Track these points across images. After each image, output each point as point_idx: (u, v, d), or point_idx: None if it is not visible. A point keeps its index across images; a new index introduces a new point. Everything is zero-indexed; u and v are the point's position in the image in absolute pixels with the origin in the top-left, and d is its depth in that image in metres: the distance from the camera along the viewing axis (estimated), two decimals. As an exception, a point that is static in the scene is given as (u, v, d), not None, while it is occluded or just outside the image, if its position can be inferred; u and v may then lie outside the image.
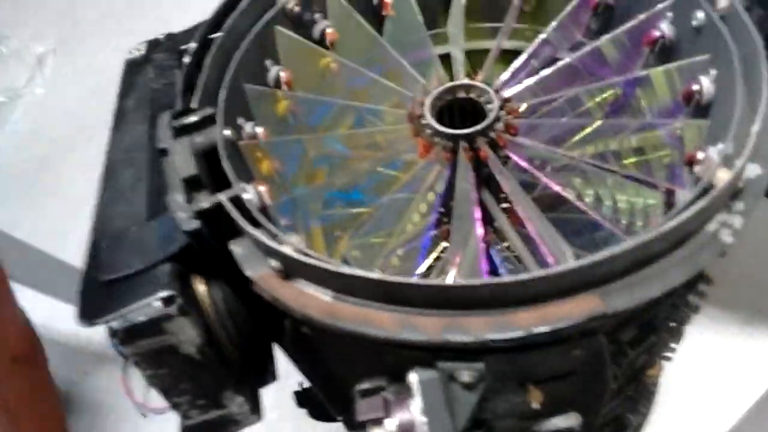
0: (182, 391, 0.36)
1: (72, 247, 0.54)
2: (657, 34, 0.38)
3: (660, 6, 0.37)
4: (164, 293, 0.33)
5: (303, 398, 0.47)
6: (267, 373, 0.43)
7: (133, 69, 0.57)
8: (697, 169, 0.31)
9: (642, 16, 0.37)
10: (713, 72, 0.34)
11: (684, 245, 0.26)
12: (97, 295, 0.35)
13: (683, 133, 0.37)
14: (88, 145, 1.31)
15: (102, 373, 0.83)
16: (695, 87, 0.35)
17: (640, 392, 0.46)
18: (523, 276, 0.24)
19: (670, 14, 0.37)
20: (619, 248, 0.24)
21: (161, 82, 0.53)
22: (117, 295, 0.33)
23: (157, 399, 0.38)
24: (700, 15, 0.35)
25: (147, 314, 0.33)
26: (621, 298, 0.25)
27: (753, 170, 0.28)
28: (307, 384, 0.44)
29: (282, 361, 0.41)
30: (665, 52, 0.38)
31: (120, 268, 0.35)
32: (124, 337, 0.33)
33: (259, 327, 0.39)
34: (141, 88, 0.54)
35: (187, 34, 0.54)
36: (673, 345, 0.42)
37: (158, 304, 0.33)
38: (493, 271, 0.44)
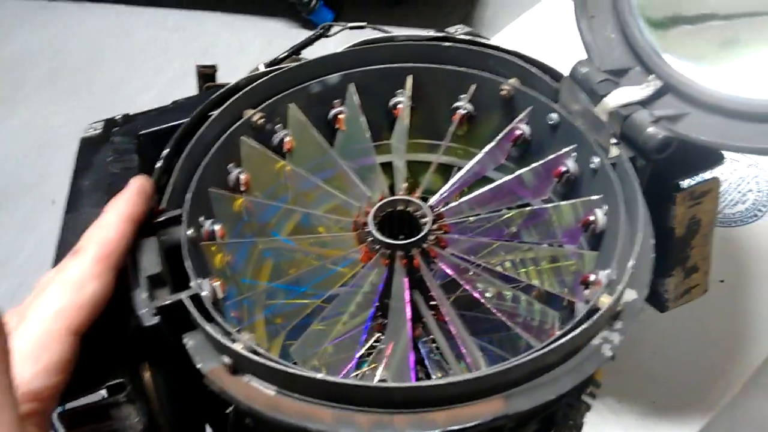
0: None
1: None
2: (563, 169, 0.46)
3: (565, 149, 0.45)
4: (114, 381, 0.35)
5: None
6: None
7: (89, 148, 0.58)
8: (586, 291, 0.37)
9: (551, 156, 0.45)
10: (605, 207, 0.42)
11: (573, 357, 0.32)
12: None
13: (584, 254, 0.44)
14: (20, 203, 1.28)
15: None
16: (592, 218, 0.42)
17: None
18: (441, 381, 0.29)
19: (574, 155, 0.45)
20: (519, 360, 0.30)
21: (119, 166, 0.55)
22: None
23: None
24: (596, 160, 0.43)
25: (96, 400, 0.35)
26: (521, 401, 0.30)
27: (630, 295, 0.35)
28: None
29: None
30: (569, 183, 0.46)
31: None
32: (71, 421, 0.35)
33: (195, 413, 0.42)
34: (97, 169, 0.56)
35: (145, 119, 0.57)
36: (575, 437, 0.47)
37: (107, 390, 0.35)
38: (420, 361, 0.49)
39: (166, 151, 0.41)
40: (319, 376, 0.30)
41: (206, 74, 0.63)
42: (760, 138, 0.37)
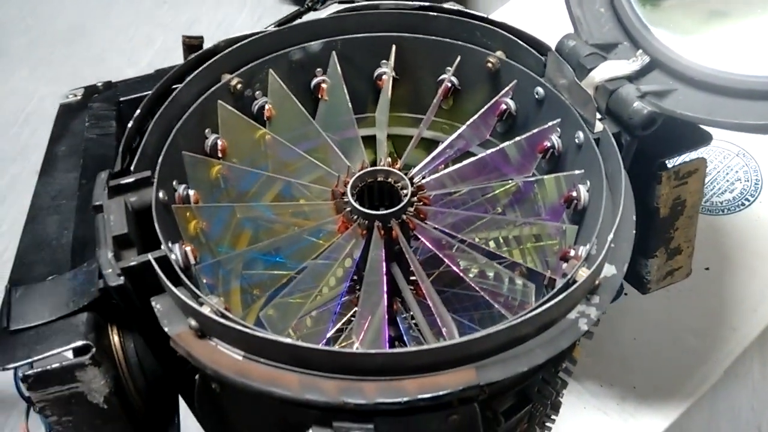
0: (84, 439, 0.37)
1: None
2: (548, 144, 0.45)
3: (550, 123, 0.44)
4: (80, 342, 0.34)
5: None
6: (171, 426, 0.44)
7: (67, 114, 0.57)
8: (565, 265, 0.37)
9: (536, 130, 0.44)
10: (588, 182, 0.41)
11: (549, 329, 0.31)
12: (8, 341, 0.35)
13: (566, 230, 0.43)
14: (4, 173, 1.26)
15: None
16: (574, 193, 0.41)
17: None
18: (412, 349, 0.28)
19: (558, 130, 0.44)
20: (493, 329, 0.29)
21: (96, 131, 0.54)
22: (31, 341, 0.34)
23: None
24: (581, 135, 0.42)
25: (61, 362, 0.34)
26: (493, 371, 0.29)
27: (609, 270, 0.35)
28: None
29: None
30: (554, 159, 0.45)
31: (30, 318, 0.36)
32: (35, 382, 0.34)
33: (167, 379, 0.41)
34: (74, 135, 0.54)
35: (126, 86, 0.56)
36: (552, 416, 0.47)
37: (73, 352, 0.34)
38: (399, 337, 0.48)
39: (137, 112, 0.39)
40: (288, 340, 0.29)
41: (192, 45, 0.62)
42: (744, 114, 0.36)
